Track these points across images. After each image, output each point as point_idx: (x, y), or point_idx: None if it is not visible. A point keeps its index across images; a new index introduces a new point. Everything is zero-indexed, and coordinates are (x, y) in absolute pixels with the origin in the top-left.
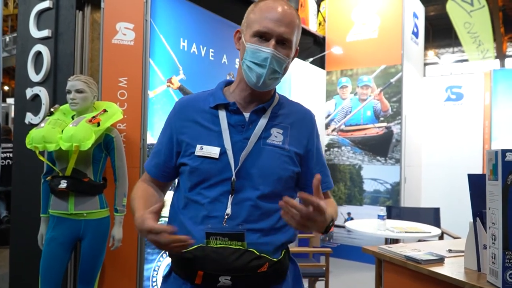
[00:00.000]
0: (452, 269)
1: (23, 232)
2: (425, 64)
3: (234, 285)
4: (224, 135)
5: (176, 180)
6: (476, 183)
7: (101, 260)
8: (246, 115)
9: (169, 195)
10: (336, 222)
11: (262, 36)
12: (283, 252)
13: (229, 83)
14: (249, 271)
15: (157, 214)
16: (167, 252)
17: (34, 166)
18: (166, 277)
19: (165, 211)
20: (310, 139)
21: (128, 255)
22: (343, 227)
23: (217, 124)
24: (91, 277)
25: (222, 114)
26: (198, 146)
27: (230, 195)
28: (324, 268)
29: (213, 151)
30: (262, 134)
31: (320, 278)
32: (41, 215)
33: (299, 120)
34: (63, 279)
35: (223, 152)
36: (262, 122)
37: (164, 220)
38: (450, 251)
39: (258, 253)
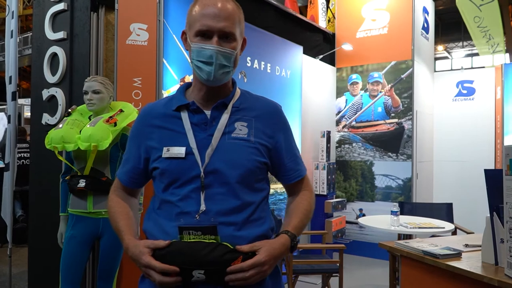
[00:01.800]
0: (470, 263)
1: (41, 231)
2: (435, 59)
3: (208, 280)
4: (189, 135)
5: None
6: (493, 178)
7: (120, 257)
8: (208, 112)
9: None
10: (347, 219)
11: (204, 34)
12: None
13: (189, 85)
14: (222, 265)
15: (152, 249)
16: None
17: (51, 167)
18: (142, 277)
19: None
20: (276, 131)
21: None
22: (356, 223)
23: (180, 126)
24: (110, 274)
25: (185, 115)
26: (165, 149)
27: (201, 192)
28: (338, 264)
29: (179, 151)
30: (226, 129)
31: (334, 274)
32: (60, 214)
33: (264, 113)
34: (82, 277)
35: (189, 151)
36: (225, 117)
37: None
38: (466, 245)
39: (231, 247)
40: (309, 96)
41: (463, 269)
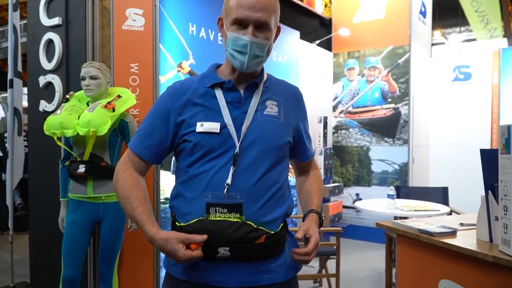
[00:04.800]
0: (465, 240)
1: (42, 218)
2: (432, 45)
3: (232, 256)
4: (224, 111)
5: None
6: (488, 158)
7: (120, 241)
8: (241, 91)
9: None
10: (344, 203)
11: (241, 23)
12: (280, 225)
13: (219, 65)
14: (246, 243)
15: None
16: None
17: (50, 153)
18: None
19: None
20: (299, 113)
21: (145, 239)
22: (352, 208)
23: (214, 103)
24: (111, 258)
25: (219, 93)
26: (199, 123)
27: (232, 166)
28: (335, 247)
29: (214, 126)
30: (258, 107)
31: (331, 257)
32: (60, 199)
33: (289, 95)
34: (84, 260)
35: (223, 127)
36: (257, 96)
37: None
38: (462, 224)
39: (255, 226)
40: (306, 81)
41: (458, 246)
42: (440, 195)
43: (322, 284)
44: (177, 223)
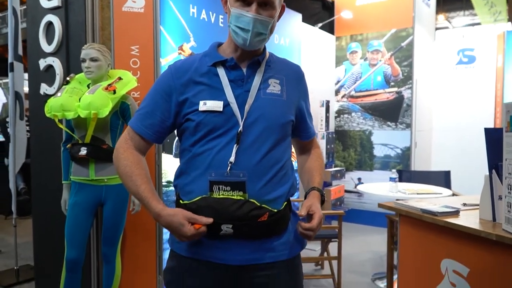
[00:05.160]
0: (468, 220)
1: (44, 201)
2: (436, 29)
3: (235, 233)
4: (226, 89)
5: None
6: (493, 137)
7: (123, 223)
8: (244, 69)
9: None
10: (346, 188)
11: (244, 0)
12: (284, 204)
13: (220, 44)
14: (249, 220)
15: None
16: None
17: (51, 137)
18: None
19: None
20: (301, 92)
21: (147, 219)
22: (354, 192)
23: (217, 81)
24: (114, 240)
25: (221, 71)
26: (201, 102)
27: (235, 145)
28: (336, 230)
29: (217, 105)
30: (260, 85)
31: (333, 240)
32: (63, 182)
33: (291, 74)
34: (87, 242)
35: (226, 105)
36: (259, 74)
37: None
38: (464, 204)
39: (258, 204)
40: (308, 65)
41: (461, 225)
42: (443, 179)
43: (324, 267)
44: (181, 201)
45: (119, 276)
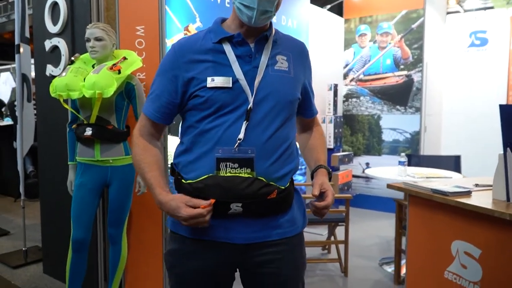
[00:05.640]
0: (480, 200)
1: (52, 183)
2: (447, 13)
3: (244, 212)
4: (234, 66)
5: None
6: (508, 114)
7: (129, 205)
8: (251, 45)
9: None
10: (354, 173)
11: None
12: (289, 181)
13: (224, 19)
14: (259, 198)
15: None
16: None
17: (58, 118)
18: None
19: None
20: (306, 69)
21: (153, 202)
22: (362, 177)
23: (223, 58)
24: (120, 221)
25: (228, 48)
26: (209, 79)
27: (244, 121)
28: (344, 214)
29: (226, 81)
30: (268, 62)
31: (340, 224)
32: (68, 162)
33: (297, 50)
34: (93, 223)
35: (235, 81)
36: (267, 50)
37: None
38: (477, 185)
39: (266, 181)
40: (316, 48)
41: (473, 204)
42: (453, 163)
43: (330, 251)
44: (183, 180)
45: (125, 257)
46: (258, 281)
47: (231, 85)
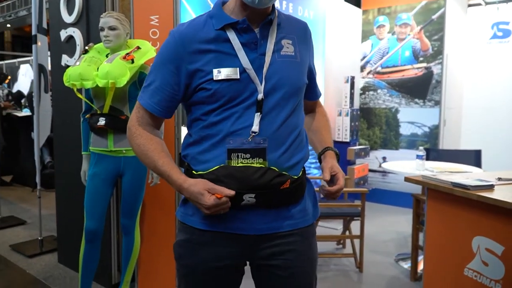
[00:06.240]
0: (504, 194)
1: (67, 173)
2: (468, 6)
3: (257, 203)
4: (240, 55)
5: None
6: None
7: (141, 195)
8: (256, 31)
9: None
10: (370, 167)
11: None
12: (301, 170)
13: (224, 2)
14: (272, 188)
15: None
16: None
17: (72, 109)
18: (185, 200)
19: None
20: (310, 50)
21: (166, 192)
22: (379, 171)
23: (228, 47)
24: (133, 212)
25: (232, 35)
26: (215, 71)
27: (257, 113)
28: (359, 208)
29: (233, 72)
30: (274, 47)
31: (355, 218)
32: (82, 152)
33: (300, 32)
34: (106, 213)
35: (242, 72)
36: (272, 35)
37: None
38: (499, 179)
39: (279, 171)
40: (333, 39)
41: (496, 199)
42: (473, 158)
43: (345, 246)
44: (194, 171)
45: (138, 248)
46: (268, 274)
47: (238, 77)
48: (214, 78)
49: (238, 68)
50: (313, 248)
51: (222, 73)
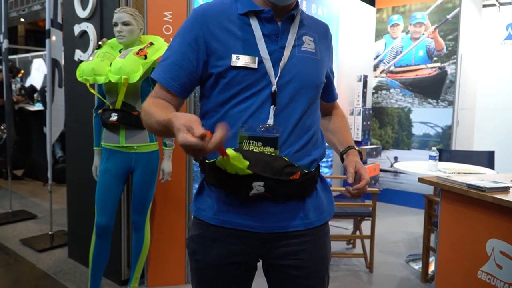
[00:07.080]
0: None
1: (78, 168)
2: (483, 6)
3: (266, 191)
4: (260, 44)
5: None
6: None
7: (152, 192)
8: (279, 24)
9: None
10: (382, 167)
11: None
12: (315, 168)
13: None
14: (283, 175)
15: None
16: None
17: (85, 104)
18: (198, 194)
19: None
20: (330, 53)
21: (177, 188)
22: (390, 171)
23: (249, 33)
24: (143, 208)
25: (255, 23)
26: (234, 56)
27: (272, 106)
28: (370, 208)
29: (251, 61)
30: (295, 42)
31: (366, 218)
32: (94, 148)
33: (322, 32)
34: (117, 209)
35: (259, 62)
36: (294, 29)
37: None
38: None
39: (288, 161)
40: (346, 37)
41: None
42: (486, 159)
43: (355, 246)
44: (207, 161)
45: (148, 244)
46: (281, 273)
47: (256, 66)
48: (232, 64)
49: (257, 58)
50: (327, 247)
51: (240, 60)
